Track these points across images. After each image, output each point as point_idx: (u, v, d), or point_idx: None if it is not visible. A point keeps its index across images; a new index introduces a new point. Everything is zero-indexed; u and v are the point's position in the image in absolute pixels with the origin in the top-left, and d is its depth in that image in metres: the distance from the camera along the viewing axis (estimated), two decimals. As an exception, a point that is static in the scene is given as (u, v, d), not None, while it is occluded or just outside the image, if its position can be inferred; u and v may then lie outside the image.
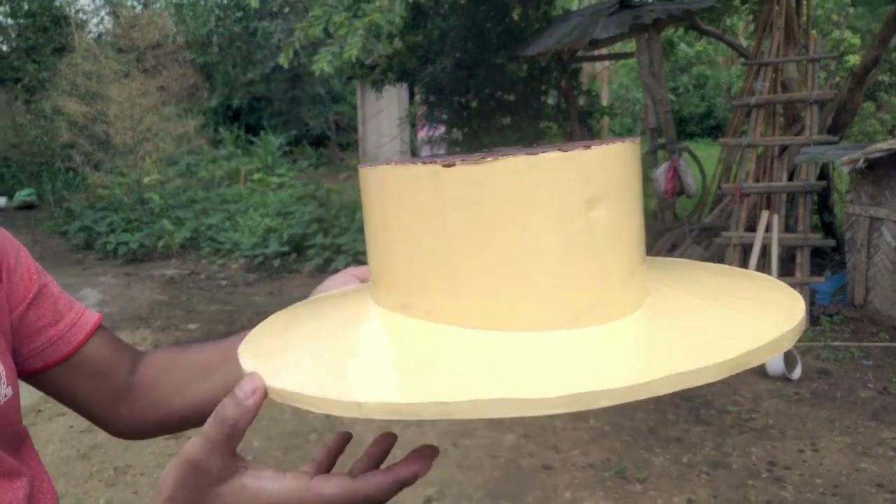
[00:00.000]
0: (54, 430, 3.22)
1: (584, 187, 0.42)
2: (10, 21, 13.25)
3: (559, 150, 0.41)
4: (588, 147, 0.42)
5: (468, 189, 0.41)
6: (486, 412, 0.36)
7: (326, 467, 0.48)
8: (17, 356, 0.66)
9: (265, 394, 0.42)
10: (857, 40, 9.11)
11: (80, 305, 0.71)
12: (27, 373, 0.67)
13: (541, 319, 0.42)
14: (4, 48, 13.31)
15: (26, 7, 12.98)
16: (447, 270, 0.43)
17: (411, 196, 0.44)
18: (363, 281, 0.65)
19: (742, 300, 0.46)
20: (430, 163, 0.43)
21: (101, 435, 3.16)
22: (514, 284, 0.42)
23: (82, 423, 3.29)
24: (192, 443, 0.43)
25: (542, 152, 0.41)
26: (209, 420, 0.43)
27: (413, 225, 0.44)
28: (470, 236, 0.42)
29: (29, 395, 3.57)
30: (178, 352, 0.74)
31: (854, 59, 8.03)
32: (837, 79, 7.28)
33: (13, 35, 13.20)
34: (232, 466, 0.43)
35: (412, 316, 0.45)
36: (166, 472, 0.44)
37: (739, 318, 0.43)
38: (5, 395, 0.61)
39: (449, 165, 0.42)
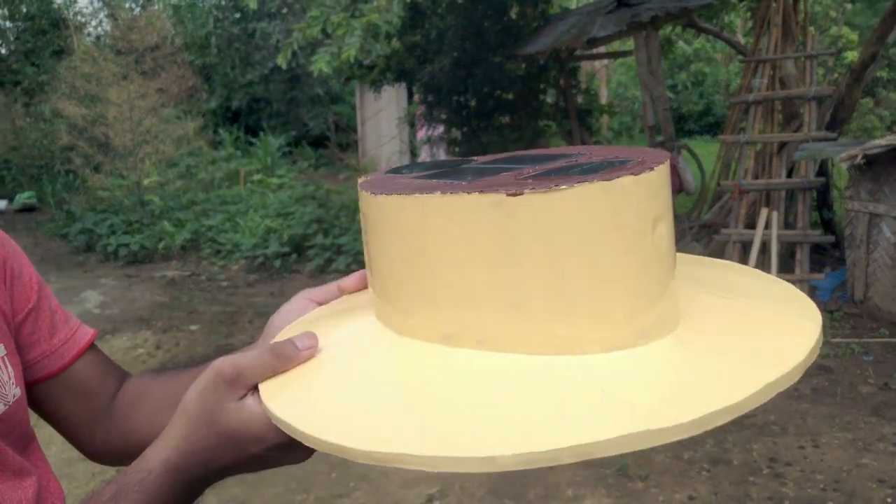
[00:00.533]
0: (56, 431, 3.23)
1: (652, 208, 0.43)
2: (8, 24, 13.25)
3: (630, 172, 0.41)
4: (652, 168, 0.43)
5: (540, 218, 0.41)
6: (628, 447, 0.35)
7: None
8: None
9: (311, 355, 0.49)
10: (854, 36, 9.12)
11: (75, 321, 0.71)
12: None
13: (612, 339, 0.42)
14: (3, 51, 13.31)
15: (25, 10, 12.98)
16: (511, 297, 0.42)
17: (467, 226, 0.42)
18: (321, 304, 0.62)
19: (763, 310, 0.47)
20: (487, 191, 0.42)
21: (104, 437, 3.17)
22: (589, 307, 0.42)
23: (84, 425, 3.30)
24: (239, 357, 0.49)
25: (616, 177, 0.41)
26: (261, 348, 0.49)
27: (467, 254, 0.43)
28: (542, 263, 0.41)
29: (31, 397, 3.58)
30: (153, 379, 0.72)
31: (852, 56, 8.03)
32: (836, 75, 7.29)
33: (12, 38, 13.20)
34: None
35: (458, 346, 0.45)
36: (195, 381, 0.50)
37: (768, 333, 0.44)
38: (14, 396, 0.61)
39: (515, 195, 0.41)
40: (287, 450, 0.48)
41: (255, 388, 0.49)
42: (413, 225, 0.45)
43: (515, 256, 0.42)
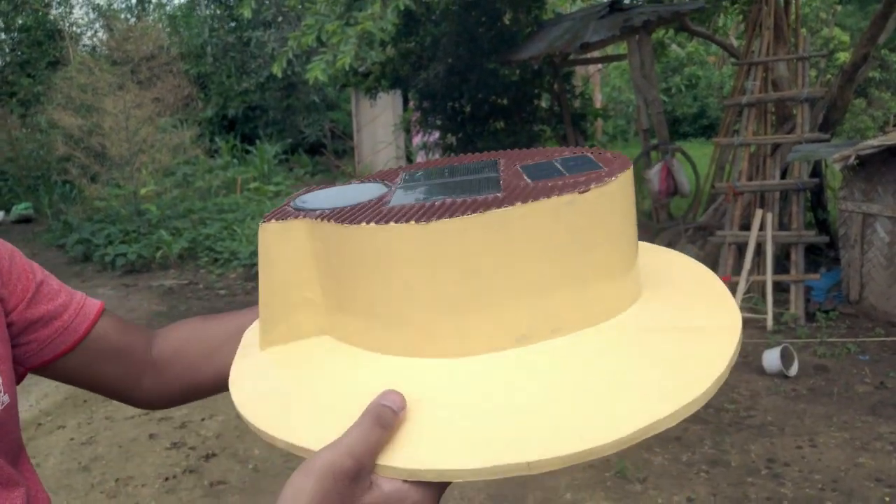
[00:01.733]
0: (55, 442, 3.23)
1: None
2: (3, 35, 13.27)
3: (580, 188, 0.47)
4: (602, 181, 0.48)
5: (604, 206, 0.47)
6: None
7: None
8: (26, 351, 0.67)
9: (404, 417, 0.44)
10: (846, 38, 9.17)
11: (81, 295, 0.73)
12: (40, 364, 0.68)
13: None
14: (-1, 63, 13.34)
15: (20, 21, 13.01)
16: (582, 289, 0.47)
17: (546, 226, 0.45)
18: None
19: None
20: (558, 193, 0.45)
21: (102, 447, 3.17)
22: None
23: (83, 435, 3.30)
24: (347, 445, 0.41)
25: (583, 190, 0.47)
26: (360, 425, 0.42)
27: (547, 253, 0.46)
28: (604, 250, 0.48)
29: (28, 408, 3.57)
30: (200, 321, 0.76)
31: (844, 57, 8.08)
32: (828, 76, 7.33)
33: (7, 49, 13.22)
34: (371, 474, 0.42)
35: (531, 342, 0.47)
36: (301, 484, 0.40)
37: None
38: (2, 403, 0.61)
39: (584, 192, 0.46)
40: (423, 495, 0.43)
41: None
42: (494, 238, 0.45)
43: (587, 246, 0.47)
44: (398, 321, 0.47)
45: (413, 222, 0.45)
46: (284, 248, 0.52)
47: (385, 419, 0.42)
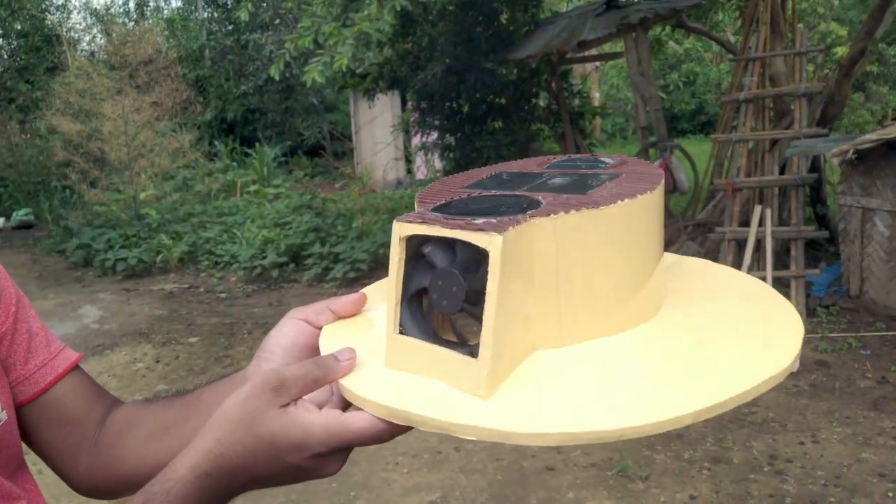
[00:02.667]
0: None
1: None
2: (1, 42, 13.28)
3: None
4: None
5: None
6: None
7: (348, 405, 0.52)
8: None
9: (351, 367, 0.51)
10: (844, 32, 9.16)
11: (57, 344, 0.67)
12: None
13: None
14: (-3, 69, 13.35)
15: (18, 27, 13.02)
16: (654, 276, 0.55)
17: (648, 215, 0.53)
18: (311, 323, 0.60)
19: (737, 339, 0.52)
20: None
21: (105, 452, 3.17)
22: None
23: (85, 440, 3.30)
24: (273, 368, 0.50)
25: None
26: (303, 362, 0.51)
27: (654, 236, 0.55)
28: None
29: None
30: (144, 408, 0.69)
31: (842, 51, 8.07)
32: (825, 71, 7.32)
33: (6, 55, 13.23)
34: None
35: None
36: (239, 389, 0.50)
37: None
38: (0, 420, 0.59)
39: (654, 189, 0.53)
40: (324, 460, 0.49)
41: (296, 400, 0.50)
42: (635, 226, 0.51)
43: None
44: (617, 302, 0.51)
45: (619, 201, 0.49)
46: (519, 260, 0.46)
47: (324, 361, 0.50)
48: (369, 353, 0.52)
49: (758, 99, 4.90)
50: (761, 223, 4.43)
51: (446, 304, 0.47)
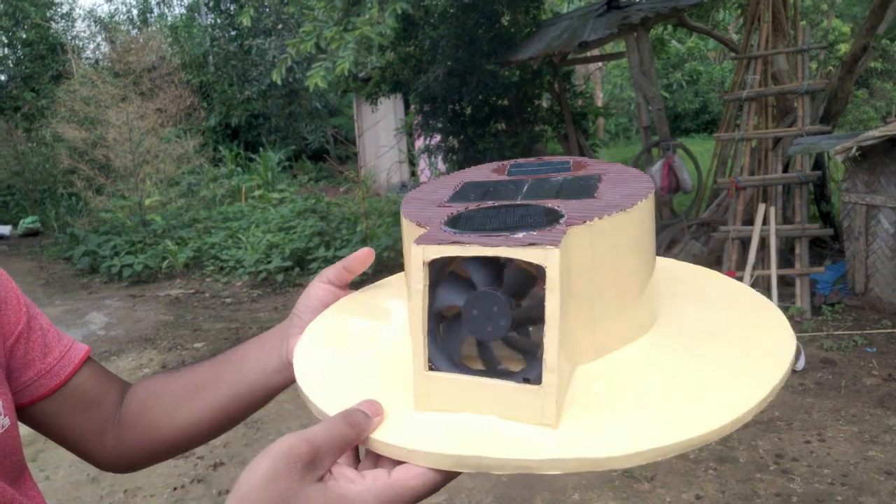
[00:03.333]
0: (63, 455, 3.25)
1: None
2: (6, 51, 13.38)
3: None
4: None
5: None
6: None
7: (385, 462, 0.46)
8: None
9: (381, 422, 0.45)
10: (846, 28, 9.13)
11: (68, 338, 0.71)
12: (16, 407, 0.66)
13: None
14: (3, 78, 13.44)
15: (23, 36, 13.11)
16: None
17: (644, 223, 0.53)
18: (335, 283, 0.65)
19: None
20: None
21: (112, 457, 3.19)
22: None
23: (92, 446, 3.32)
24: (310, 433, 0.42)
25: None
26: (331, 423, 0.43)
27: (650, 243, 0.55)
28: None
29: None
30: (167, 377, 0.72)
31: (845, 48, 8.05)
32: (828, 68, 7.30)
33: (11, 64, 13.33)
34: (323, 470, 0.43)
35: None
36: (256, 464, 0.41)
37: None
38: (2, 426, 0.60)
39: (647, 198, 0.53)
40: None
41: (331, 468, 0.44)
42: (645, 232, 0.51)
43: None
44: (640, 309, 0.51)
45: (639, 202, 0.49)
46: (568, 273, 0.44)
47: (354, 418, 0.44)
48: (386, 388, 0.48)
49: (760, 97, 4.89)
50: (765, 221, 4.42)
51: (490, 330, 0.42)
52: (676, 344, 0.50)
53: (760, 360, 0.48)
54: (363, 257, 0.64)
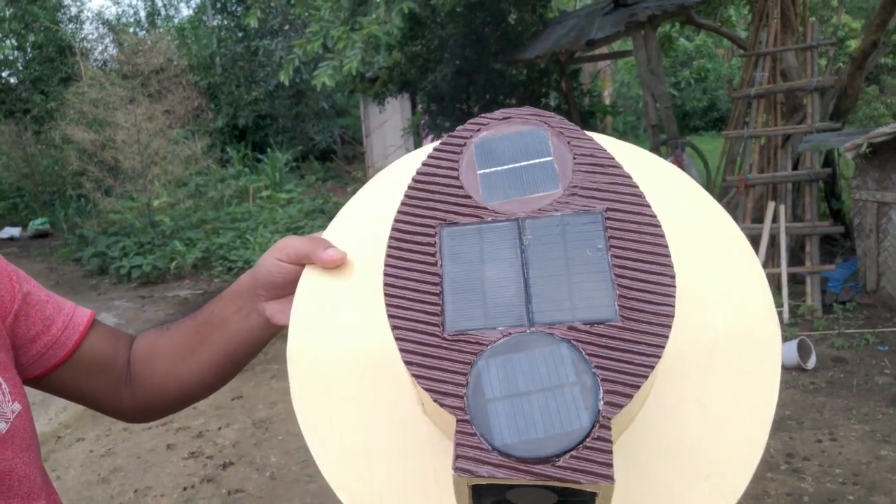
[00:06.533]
0: (74, 455, 3.27)
1: None
2: (16, 53, 13.48)
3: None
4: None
5: None
6: None
7: None
8: (17, 366, 0.65)
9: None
10: (856, 24, 9.06)
11: (70, 305, 0.71)
12: (30, 379, 0.67)
13: None
14: (13, 80, 13.54)
15: (32, 39, 13.20)
16: None
17: None
18: (295, 263, 0.61)
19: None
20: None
21: (121, 458, 3.20)
22: None
23: (101, 447, 3.34)
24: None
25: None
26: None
27: None
28: None
29: (48, 421, 3.62)
30: (158, 335, 0.74)
31: (855, 44, 7.99)
32: (838, 64, 7.25)
33: (20, 67, 13.43)
34: None
35: None
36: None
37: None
38: (13, 412, 0.59)
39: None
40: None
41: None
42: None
43: None
44: None
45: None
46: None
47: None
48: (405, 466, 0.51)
49: (769, 94, 4.86)
50: (775, 219, 4.39)
51: None
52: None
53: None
54: (337, 261, 0.58)
